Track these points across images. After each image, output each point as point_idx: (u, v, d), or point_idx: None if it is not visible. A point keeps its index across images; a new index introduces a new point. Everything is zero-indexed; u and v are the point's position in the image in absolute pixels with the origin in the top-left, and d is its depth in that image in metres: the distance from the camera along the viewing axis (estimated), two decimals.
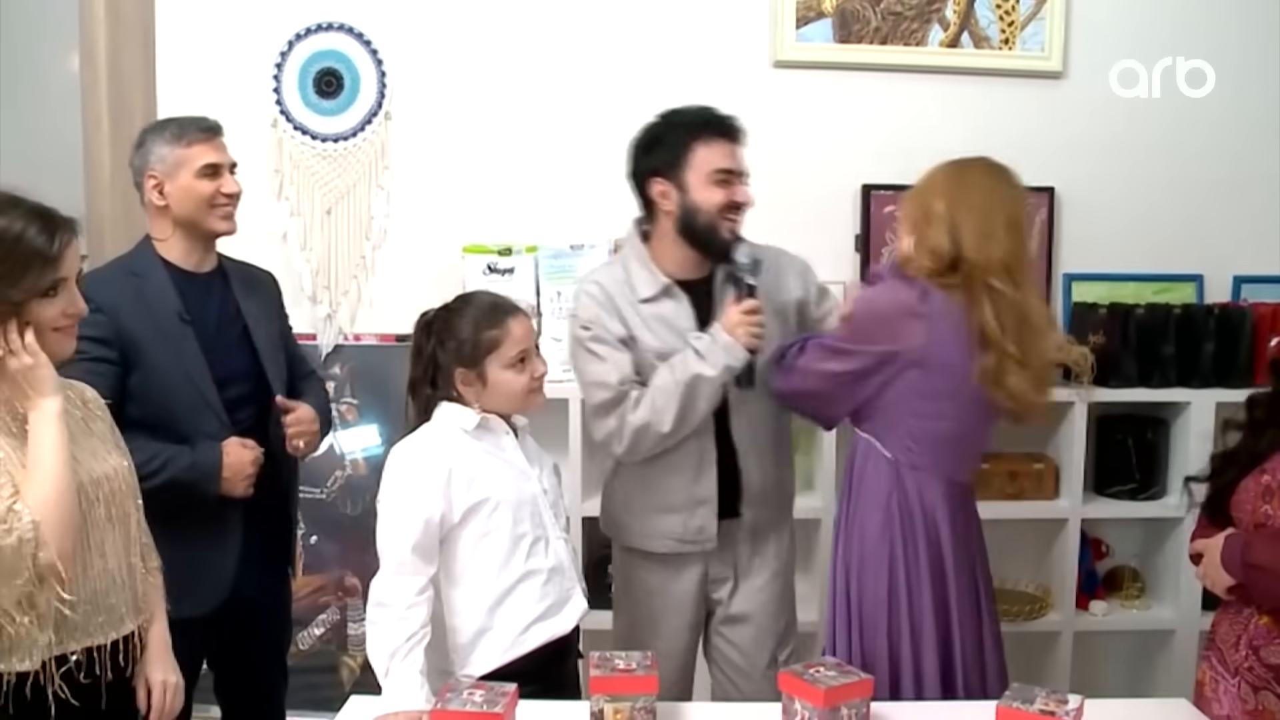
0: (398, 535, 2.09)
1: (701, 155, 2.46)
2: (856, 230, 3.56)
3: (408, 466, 2.15)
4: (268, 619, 2.70)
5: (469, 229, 3.50)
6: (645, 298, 2.51)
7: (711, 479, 2.54)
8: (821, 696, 1.85)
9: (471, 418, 2.19)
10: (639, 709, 1.94)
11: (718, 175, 2.46)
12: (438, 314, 2.25)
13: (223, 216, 2.55)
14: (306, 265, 3.52)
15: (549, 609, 2.20)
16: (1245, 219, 3.61)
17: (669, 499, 2.55)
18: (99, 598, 1.88)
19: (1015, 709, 1.84)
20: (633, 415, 2.43)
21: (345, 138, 3.51)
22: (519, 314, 2.23)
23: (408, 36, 3.51)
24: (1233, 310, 3.43)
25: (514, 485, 2.20)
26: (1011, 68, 3.55)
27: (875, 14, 3.52)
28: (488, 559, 2.15)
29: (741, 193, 2.49)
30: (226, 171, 2.55)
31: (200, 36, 3.49)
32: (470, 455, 2.17)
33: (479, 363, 2.17)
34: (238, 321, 2.59)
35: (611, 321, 2.49)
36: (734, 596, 2.64)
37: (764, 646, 2.65)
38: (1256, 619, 1.90)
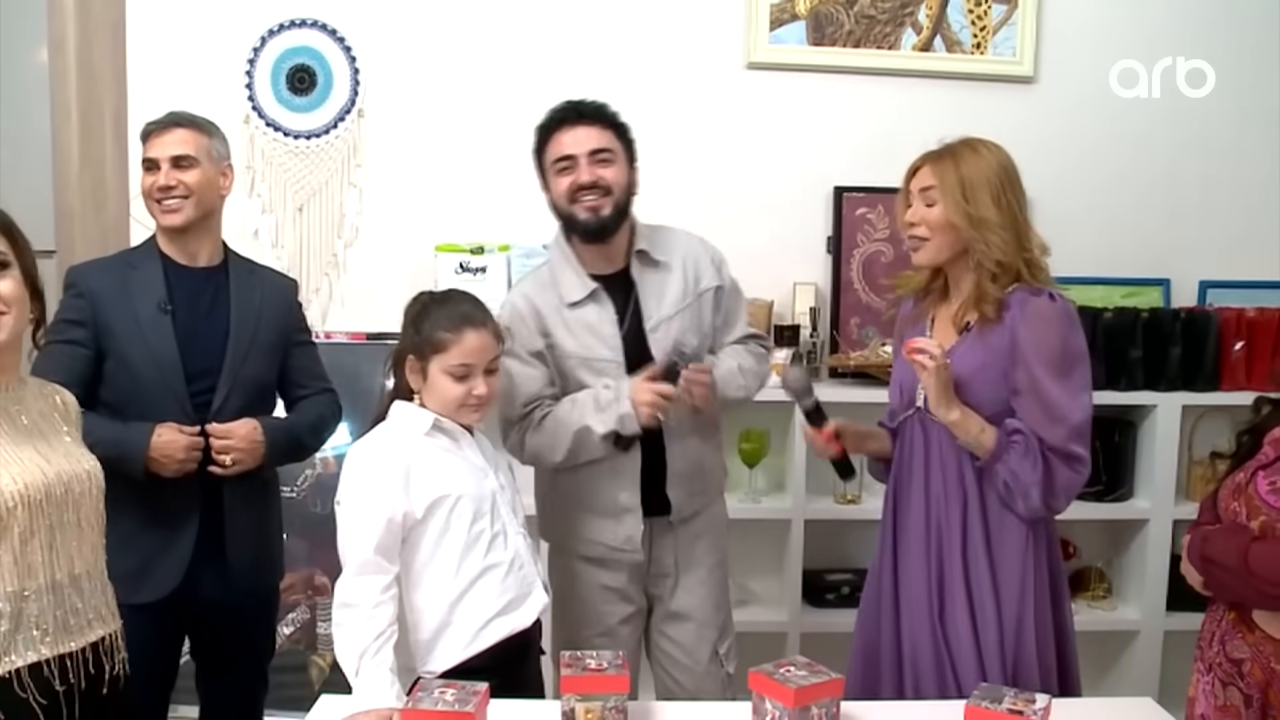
0: (360, 535, 2.08)
1: (548, 150, 2.53)
2: (828, 232, 3.58)
3: (367, 466, 2.14)
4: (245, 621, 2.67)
5: (441, 227, 3.50)
6: (572, 302, 2.53)
7: (635, 486, 2.54)
8: (792, 696, 1.85)
9: (425, 421, 2.18)
10: (610, 708, 1.93)
11: (559, 165, 2.50)
12: (422, 298, 2.27)
13: (164, 210, 2.52)
14: (278, 262, 3.49)
15: (509, 603, 2.19)
16: (1211, 225, 3.66)
17: (597, 504, 2.57)
18: (68, 603, 1.85)
19: (984, 708, 1.86)
20: (531, 437, 2.52)
21: (318, 135, 3.50)
22: (482, 329, 2.19)
23: (381, 34, 3.50)
24: (1199, 315, 3.47)
25: (472, 481, 2.20)
26: (983, 72, 3.58)
27: (849, 17, 3.53)
28: (448, 555, 2.15)
29: (584, 172, 2.47)
30: (164, 165, 2.50)
31: (172, 30, 3.47)
32: (428, 453, 2.17)
33: (426, 358, 2.18)
34: (224, 317, 2.56)
35: (529, 335, 2.53)
36: (674, 594, 2.65)
37: (705, 640, 2.66)
38: (1227, 614, 1.93)
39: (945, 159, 2.27)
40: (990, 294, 2.22)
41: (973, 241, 2.23)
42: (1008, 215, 2.24)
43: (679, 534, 2.63)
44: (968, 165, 2.25)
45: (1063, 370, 2.18)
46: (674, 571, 2.64)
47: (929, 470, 2.32)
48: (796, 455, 3.39)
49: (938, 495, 2.31)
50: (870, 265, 3.56)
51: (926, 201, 2.27)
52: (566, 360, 2.53)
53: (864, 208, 3.55)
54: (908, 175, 2.33)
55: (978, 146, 2.29)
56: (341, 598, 2.06)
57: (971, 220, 2.22)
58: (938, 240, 2.27)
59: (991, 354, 2.21)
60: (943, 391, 2.19)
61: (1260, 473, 1.87)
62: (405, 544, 2.13)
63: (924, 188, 2.27)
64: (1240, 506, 1.90)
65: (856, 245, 3.55)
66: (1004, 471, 2.20)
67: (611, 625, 2.62)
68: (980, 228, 2.22)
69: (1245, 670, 1.90)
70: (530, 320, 2.53)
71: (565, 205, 2.50)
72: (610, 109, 2.56)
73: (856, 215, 3.54)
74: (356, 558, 2.07)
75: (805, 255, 3.56)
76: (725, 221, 2.90)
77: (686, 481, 2.59)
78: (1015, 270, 2.23)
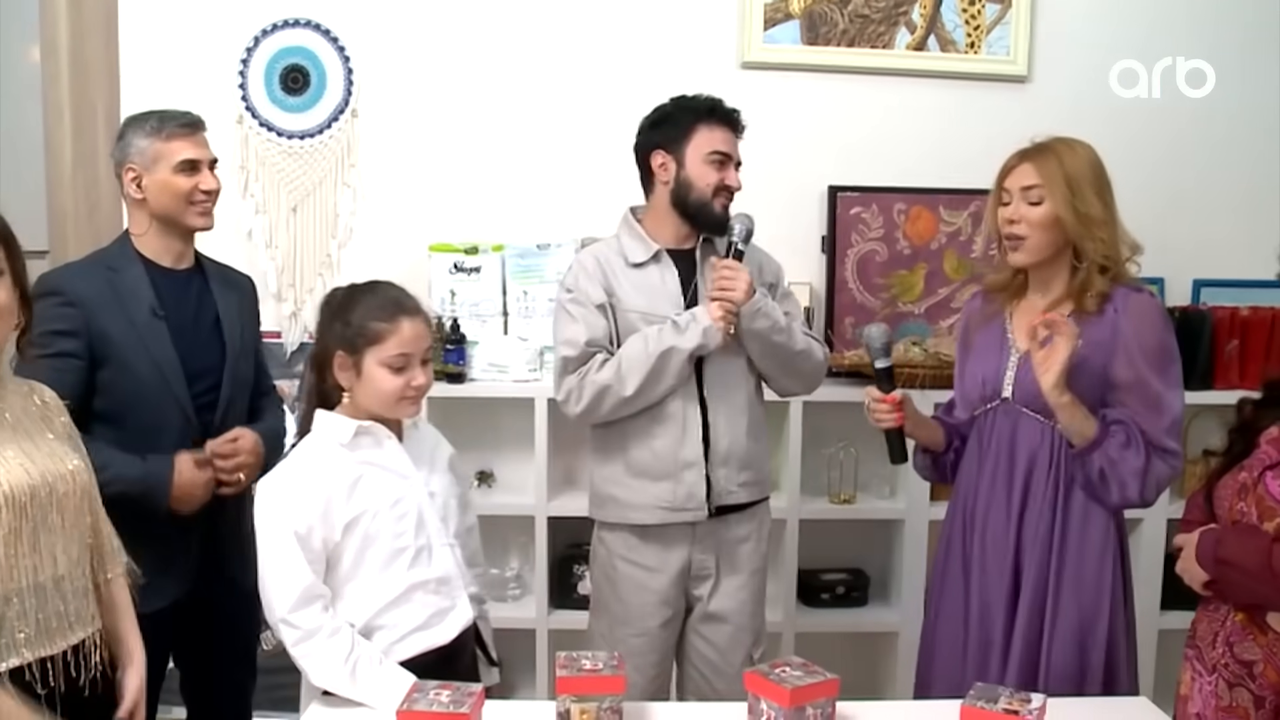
0: (290, 571, 2.03)
1: (702, 136, 2.61)
2: (823, 231, 3.58)
3: (283, 500, 2.07)
4: (233, 617, 2.66)
5: (435, 228, 3.50)
6: (636, 263, 2.63)
7: (696, 440, 2.58)
8: (788, 696, 1.85)
9: (347, 429, 2.11)
10: (605, 709, 1.93)
11: (714, 156, 2.60)
12: (342, 289, 2.19)
13: (200, 213, 2.53)
14: (271, 263, 3.50)
15: (428, 619, 2.14)
16: (1205, 224, 3.66)
17: (656, 464, 2.59)
18: (50, 605, 1.83)
19: (979, 708, 1.86)
20: (596, 375, 2.55)
21: (311, 135, 3.49)
22: (417, 316, 2.15)
23: (375, 34, 3.49)
24: (1192, 313, 3.48)
25: (393, 493, 2.12)
26: (977, 71, 3.58)
27: (843, 16, 3.53)
28: (369, 570, 2.09)
29: (733, 176, 2.63)
30: (206, 167, 2.53)
31: (165, 30, 3.46)
32: (345, 469, 2.09)
33: (359, 351, 2.09)
34: (212, 318, 2.58)
35: (593, 287, 2.60)
36: (714, 595, 2.67)
37: (740, 644, 2.68)
38: (1233, 615, 1.92)
39: (1048, 156, 2.28)
40: (1098, 287, 2.27)
41: (1080, 238, 2.27)
42: (1110, 211, 2.30)
43: (722, 536, 2.65)
44: (1070, 162, 2.28)
45: (1164, 365, 2.26)
46: (715, 573, 2.66)
47: (1014, 463, 2.35)
48: (792, 455, 3.39)
49: (1020, 488, 2.33)
50: (865, 265, 3.56)
51: (1030, 200, 2.28)
52: (629, 315, 2.59)
53: (858, 207, 3.54)
54: (1002, 175, 2.34)
55: (1073, 144, 2.32)
56: (295, 635, 2.03)
57: (1079, 216, 2.26)
58: (1038, 238, 2.29)
59: (1091, 347, 2.24)
60: (1063, 373, 2.20)
61: (1269, 473, 1.86)
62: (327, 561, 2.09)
63: (1027, 186, 2.28)
64: (1248, 507, 1.89)
65: (851, 245, 3.55)
66: (1102, 459, 2.23)
67: (650, 627, 2.64)
68: (1088, 224, 2.26)
69: (1258, 672, 1.89)
70: (595, 275, 2.62)
71: (706, 194, 2.60)
72: None
73: (851, 214, 3.54)
74: (292, 592, 2.02)
75: (800, 254, 3.56)
76: None
77: (729, 463, 2.61)
78: (1118, 264, 2.28)
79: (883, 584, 3.65)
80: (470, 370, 3.39)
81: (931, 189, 3.54)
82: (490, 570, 3.28)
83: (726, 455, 2.61)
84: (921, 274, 3.57)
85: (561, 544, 3.47)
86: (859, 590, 3.59)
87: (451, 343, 3.35)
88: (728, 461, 2.61)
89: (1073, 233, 2.27)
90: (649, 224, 2.68)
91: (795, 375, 2.71)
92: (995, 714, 1.83)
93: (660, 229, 2.66)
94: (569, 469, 3.55)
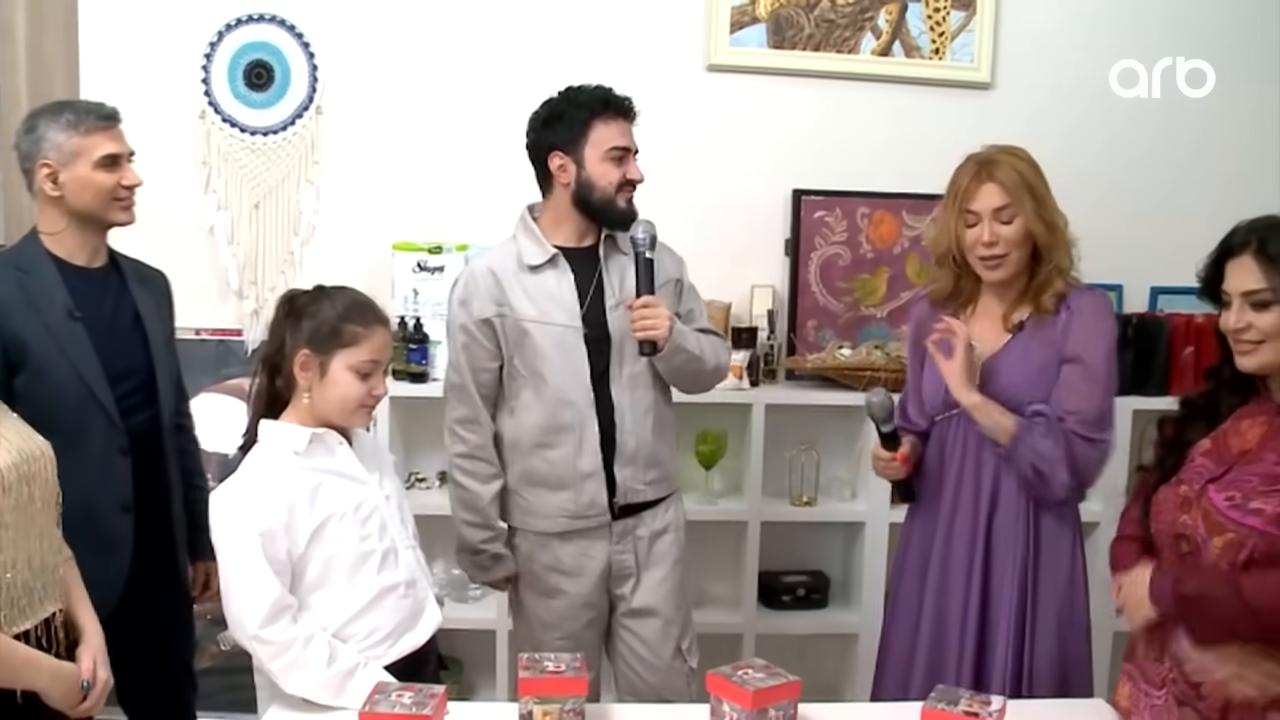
0: (256, 589, 1.98)
1: (599, 132, 2.56)
2: (786, 234, 3.59)
3: (241, 517, 2.01)
4: (165, 628, 2.61)
5: (399, 226, 3.48)
6: (532, 265, 2.58)
7: (594, 450, 2.57)
8: (750, 698, 1.85)
9: (301, 437, 2.07)
10: (568, 710, 1.93)
11: (614, 152, 2.56)
12: (304, 292, 2.15)
13: (123, 208, 2.46)
14: (233, 260, 3.47)
15: (400, 625, 2.12)
16: (1163, 232, 3.69)
17: (553, 475, 2.59)
18: (22, 583, 1.83)
19: (940, 710, 1.87)
20: (455, 474, 2.64)
21: (275, 131, 3.46)
22: (387, 327, 2.15)
23: (340, 31, 3.47)
24: (1150, 320, 3.52)
25: (354, 498, 2.09)
26: (941, 77, 3.61)
27: (809, 21, 3.55)
28: (336, 577, 2.06)
29: (634, 169, 2.59)
30: (126, 161, 2.46)
31: (127, 23, 3.42)
32: (303, 478, 2.05)
33: (329, 351, 2.06)
34: (131, 317, 2.50)
35: (483, 304, 2.57)
36: (637, 591, 2.66)
37: (669, 637, 2.68)
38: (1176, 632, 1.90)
39: (1008, 171, 2.31)
40: (1056, 289, 2.33)
41: (1049, 246, 2.32)
42: (1059, 214, 2.36)
43: (639, 533, 2.65)
44: (1028, 173, 2.33)
45: (1108, 356, 2.32)
46: (635, 571, 2.66)
47: (981, 468, 2.37)
48: (753, 457, 3.40)
49: (988, 492, 2.36)
50: (828, 268, 3.58)
51: (1002, 220, 2.31)
52: (521, 324, 2.55)
53: (822, 210, 3.56)
54: (963, 196, 2.34)
55: (1017, 153, 2.37)
56: (269, 650, 1.99)
57: (1048, 225, 2.32)
58: (1016, 254, 2.33)
59: (1049, 348, 2.31)
60: (970, 375, 2.28)
61: (1211, 486, 1.86)
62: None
63: (999, 207, 2.30)
64: (1193, 521, 1.88)
65: (814, 248, 3.56)
66: (1029, 453, 2.27)
67: (575, 629, 2.63)
68: (1054, 231, 2.33)
69: (1205, 692, 1.87)
70: (484, 286, 2.58)
71: (609, 191, 2.56)
72: None
73: (815, 218, 3.56)
74: (261, 607, 1.97)
75: (763, 258, 3.57)
76: (684, 223, 2.90)
77: (636, 462, 2.60)
78: (1074, 264, 2.36)
79: (843, 586, 3.67)
80: (433, 370, 3.37)
81: (895, 194, 3.56)
82: (452, 571, 3.27)
83: (633, 455, 2.60)
84: (884, 278, 3.59)
85: None
86: (820, 592, 3.60)
87: (414, 342, 3.34)
88: (634, 461, 2.60)
89: (1043, 243, 2.32)
90: (546, 223, 2.63)
91: (700, 387, 2.75)
92: (956, 715, 1.85)
93: (559, 228, 2.62)
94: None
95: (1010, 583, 2.34)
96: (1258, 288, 1.82)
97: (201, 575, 2.72)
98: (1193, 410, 2.02)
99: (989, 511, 2.36)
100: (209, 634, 3.37)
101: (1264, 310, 1.82)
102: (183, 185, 3.44)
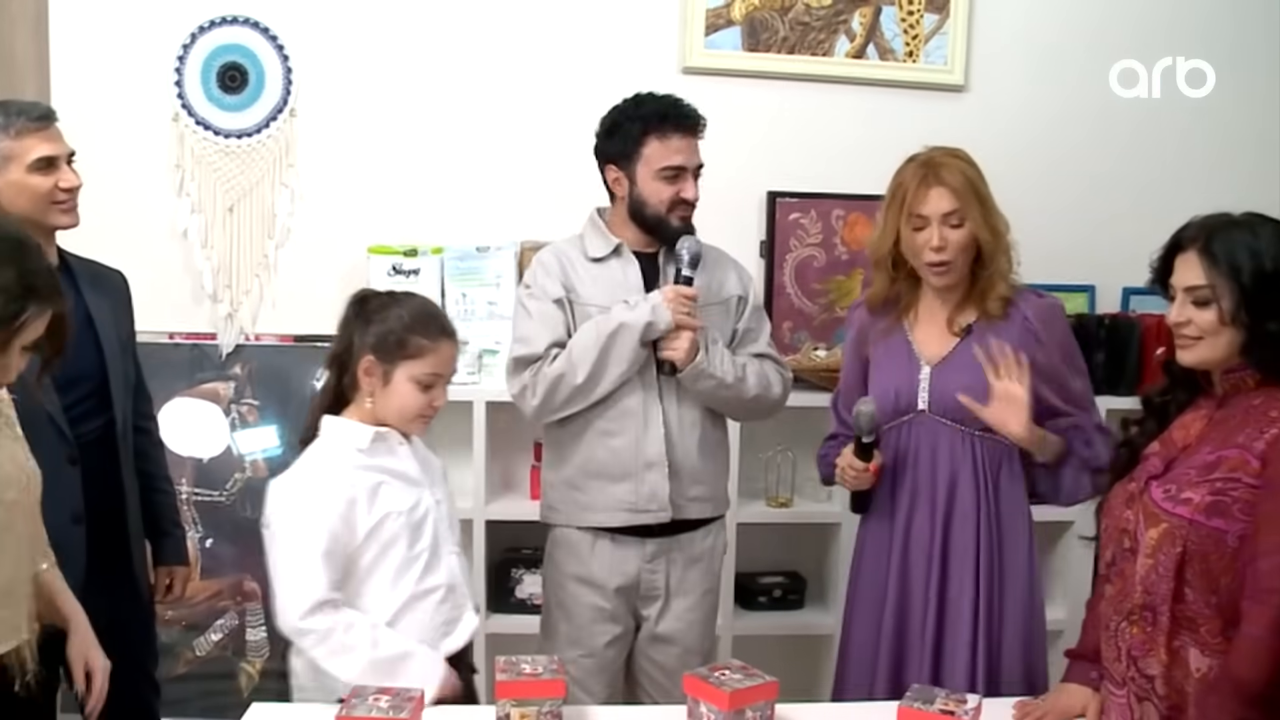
0: (308, 579, 2.00)
1: (653, 149, 2.52)
2: (762, 237, 3.60)
3: (304, 503, 2.04)
4: (124, 638, 2.50)
5: (374, 229, 3.46)
6: (595, 257, 2.59)
7: (659, 438, 2.54)
8: (727, 699, 1.86)
9: (365, 436, 2.10)
10: (545, 713, 1.93)
11: (666, 172, 2.53)
12: (379, 294, 2.18)
13: (64, 211, 2.38)
14: (207, 263, 3.45)
15: (439, 628, 2.14)
16: (1135, 232, 3.69)
17: (614, 464, 2.55)
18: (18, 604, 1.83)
19: (916, 709, 1.89)
20: (549, 367, 2.50)
21: (249, 134, 3.45)
22: (454, 340, 2.17)
23: (314, 33, 3.45)
24: (1122, 320, 3.55)
25: (409, 498, 2.12)
26: (915, 80, 3.63)
27: (783, 24, 3.56)
28: (383, 577, 2.09)
29: (690, 189, 2.55)
30: (64, 163, 2.38)
31: (98, 24, 3.39)
32: (365, 476, 2.08)
33: (393, 361, 2.08)
34: (82, 320, 2.38)
35: (550, 283, 2.56)
36: (663, 616, 2.64)
37: (688, 666, 2.61)
38: (1128, 629, 1.91)
39: (955, 174, 2.30)
40: (1000, 292, 2.34)
41: (994, 251, 2.33)
42: (1002, 217, 2.36)
43: (674, 557, 2.62)
44: (974, 176, 2.32)
45: (1078, 364, 2.39)
46: (664, 594, 2.63)
47: (936, 473, 2.37)
48: (732, 458, 3.40)
49: (944, 497, 2.36)
50: (803, 270, 3.59)
51: (951, 224, 2.30)
52: (588, 309, 2.54)
53: (797, 213, 3.57)
54: (911, 200, 2.31)
55: (959, 154, 2.36)
56: (310, 639, 2.01)
57: (992, 230, 2.32)
58: (961, 260, 2.34)
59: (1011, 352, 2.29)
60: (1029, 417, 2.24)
61: (1154, 483, 1.88)
62: None
63: (948, 211, 2.29)
64: (1134, 515, 1.90)
65: (789, 250, 3.58)
66: (1082, 464, 2.31)
67: (598, 647, 2.61)
68: (998, 235, 2.33)
69: (1159, 687, 1.87)
70: (553, 270, 2.58)
71: (660, 210, 2.54)
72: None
73: (790, 220, 3.57)
74: (305, 601, 2.00)
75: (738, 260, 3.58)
76: None
77: (680, 475, 2.57)
78: (1014, 267, 2.37)
79: (819, 587, 3.68)
80: None
81: (869, 195, 3.54)
82: None
83: (679, 466, 2.56)
84: (859, 279, 3.61)
85: (500, 548, 3.46)
86: (796, 593, 3.61)
87: None
88: (679, 473, 2.57)
89: (988, 248, 2.33)
90: (612, 222, 2.64)
91: (746, 414, 2.76)
92: (931, 714, 1.86)
93: (622, 232, 2.62)
94: (507, 473, 3.54)
95: (969, 584, 2.34)
96: (1199, 284, 1.84)
97: (164, 580, 2.71)
98: (1149, 409, 2.04)
99: (945, 514, 2.36)
100: (184, 640, 3.37)
101: (1204, 307, 1.84)
102: (156, 188, 3.42)
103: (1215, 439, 1.84)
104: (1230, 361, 1.85)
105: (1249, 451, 1.78)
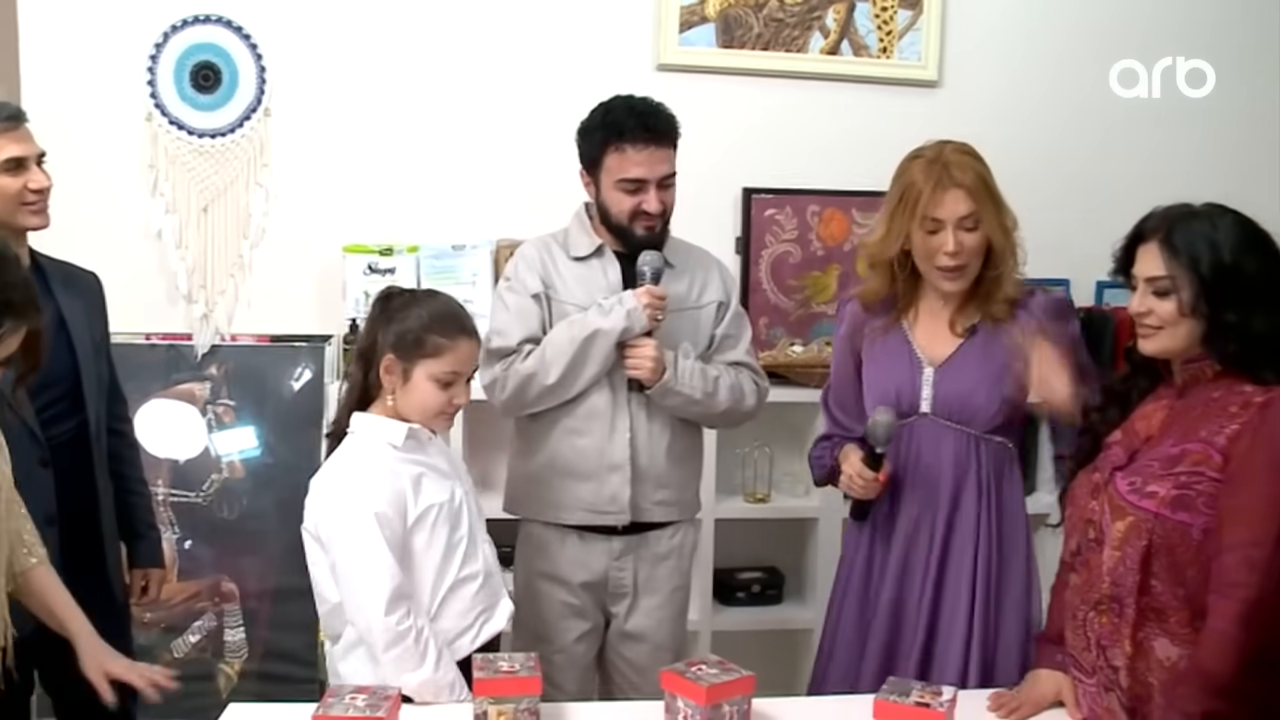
0: (376, 575, 2.00)
1: (612, 160, 2.49)
2: (737, 233, 3.61)
3: (358, 500, 2.04)
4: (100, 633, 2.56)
5: (350, 228, 3.46)
6: (577, 255, 2.58)
7: (624, 443, 2.53)
8: (704, 694, 1.87)
9: (399, 432, 2.10)
10: (522, 710, 1.93)
11: (625, 184, 2.49)
12: (402, 292, 2.20)
13: (34, 212, 2.36)
14: (182, 263, 3.43)
15: (481, 614, 2.17)
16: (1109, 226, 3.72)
17: (580, 463, 2.55)
18: None
19: (891, 702, 1.90)
20: (521, 364, 2.49)
21: (223, 133, 3.43)
22: (474, 337, 2.17)
23: (288, 32, 3.44)
24: (1096, 314, 3.58)
25: (445, 489, 2.14)
26: (889, 76, 3.64)
27: (757, 20, 3.57)
28: (427, 567, 2.10)
29: (650, 200, 2.50)
30: (33, 164, 2.36)
31: (70, 23, 3.37)
32: (407, 469, 2.10)
33: (412, 359, 2.09)
34: (55, 323, 2.35)
35: (530, 276, 2.56)
36: (631, 613, 2.64)
37: (659, 663, 2.61)
38: (1096, 619, 1.92)
39: (970, 175, 2.24)
40: (1008, 292, 2.30)
41: (1005, 252, 2.29)
42: (1011, 215, 2.31)
43: (641, 554, 2.62)
44: (987, 176, 2.27)
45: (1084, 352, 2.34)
46: (632, 592, 2.63)
47: (940, 475, 2.34)
48: (707, 454, 3.39)
49: (948, 498, 2.33)
50: (778, 266, 3.60)
51: (966, 227, 2.23)
52: (565, 307, 2.53)
53: (772, 209, 3.58)
54: (926, 203, 2.23)
55: (969, 151, 2.30)
56: (386, 639, 2.01)
57: (1005, 231, 2.28)
58: (975, 262, 2.29)
59: (1011, 353, 2.27)
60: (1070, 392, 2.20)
61: (1118, 474, 1.90)
62: None
63: (964, 215, 2.23)
64: (1100, 506, 1.91)
65: (765, 246, 3.59)
66: None
67: (567, 643, 2.61)
68: (1009, 236, 2.29)
69: (1122, 679, 1.88)
70: (534, 264, 2.57)
71: (622, 220, 2.52)
72: (677, 124, 2.57)
73: (765, 216, 3.58)
74: (384, 593, 2.00)
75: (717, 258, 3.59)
76: None
77: (646, 479, 2.57)
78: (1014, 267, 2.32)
79: (797, 582, 3.69)
80: None
81: (844, 191, 3.59)
82: None
83: (644, 473, 2.56)
84: (834, 275, 3.62)
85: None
86: (774, 588, 3.63)
87: None
88: (644, 479, 2.56)
89: (1000, 248, 2.28)
90: (596, 224, 2.62)
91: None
92: (907, 707, 1.87)
93: (604, 232, 2.60)
94: (485, 471, 3.53)
95: (966, 587, 2.32)
96: (1159, 275, 1.86)
97: (139, 582, 2.70)
98: (1110, 396, 2.06)
99: (948, 517, 2.33)
100: (162, 642, 3.35)
101: (1164, 298, 1.86)
102: (130, 188, 3.40)
103: (1177, 431, 1.86)
104: (1190, 352, 1.87)
105: (1212, 446, 1.80)
